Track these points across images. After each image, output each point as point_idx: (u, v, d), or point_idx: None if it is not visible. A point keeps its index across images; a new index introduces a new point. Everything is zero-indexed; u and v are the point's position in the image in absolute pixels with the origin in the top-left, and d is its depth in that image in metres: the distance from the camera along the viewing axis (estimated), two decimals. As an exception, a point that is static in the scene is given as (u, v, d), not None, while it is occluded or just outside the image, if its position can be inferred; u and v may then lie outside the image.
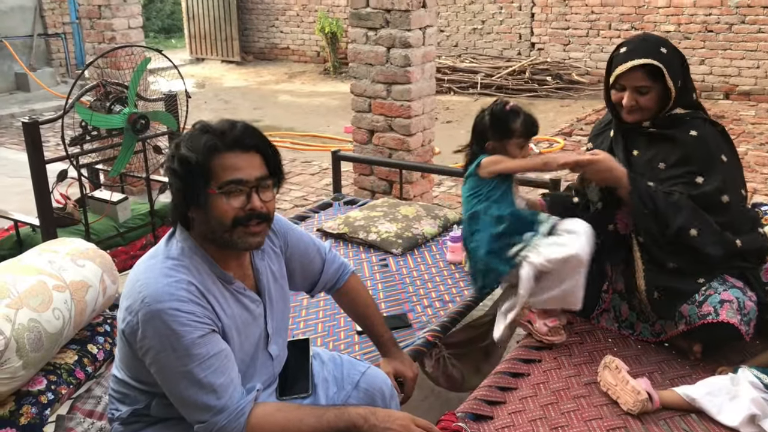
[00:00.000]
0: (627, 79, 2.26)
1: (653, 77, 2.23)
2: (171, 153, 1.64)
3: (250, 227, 1.64)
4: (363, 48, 4.26)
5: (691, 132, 2.26)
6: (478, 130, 2.36)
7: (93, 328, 2.30)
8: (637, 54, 2.24)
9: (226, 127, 1.62)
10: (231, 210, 1.60)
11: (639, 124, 2.31)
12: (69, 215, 3.48)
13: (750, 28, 8.53)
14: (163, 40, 16.70)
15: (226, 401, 1.60)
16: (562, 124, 7.93)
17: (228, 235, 1.62)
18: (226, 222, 1.61)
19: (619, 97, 2.31)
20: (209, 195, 1.59)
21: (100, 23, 5.39)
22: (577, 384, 2.08)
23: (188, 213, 1.64)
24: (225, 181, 1.59)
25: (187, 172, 1.58)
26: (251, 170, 1.62)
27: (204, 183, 1.58)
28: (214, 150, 1.59)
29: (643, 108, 2.27)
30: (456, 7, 10.73)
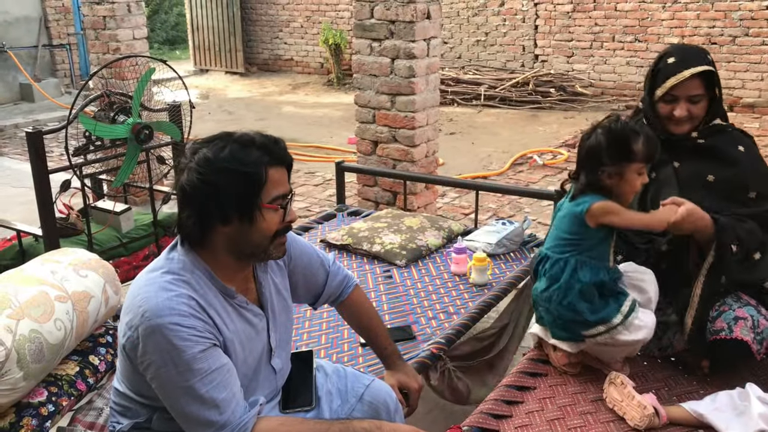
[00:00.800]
0: (682, 89, 2.19)
1: (706, 84, 2.21)
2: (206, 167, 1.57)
3: (283, 239, 1.69)
4: (367, 59, 4.25)
5: (739, 147, 2.24)
6: (591, 153, 1.99)
7: (95, 339, 2.28)
8: (692, 62, 2.19)
9: (268, 141, 1.63)
10: (276, 224, 1.64)
11: (687, 135, 2.26)
12: (72, 225, 3.47)
13: (754, 40, 8.53)
14: (167, 52, 16.77)
15: (228, 416, 1.58)
16: (565, 135, 7.92)
17: (266, 247, 1.66)
18: (269, 235, 1.64)
19: (669, 109, 2.23)
20: (261, 209, 1.60)
21: (105, 34, 5.41)
22: (583, 400, 2.05)
23: (217, 228, 1.61)
24: (277, 195, 1.62)
25: (238, 187, 1.57)
26: (287, 184, 1.67)
27: (257, 197, 1.59)
28: (266, 164, 1.60)
29: (693, 118, 2.23)
30: (460, 19, 10.76)
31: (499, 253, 3.20)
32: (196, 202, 1.60)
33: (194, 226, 1.61)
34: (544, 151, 7.20)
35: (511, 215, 5.28)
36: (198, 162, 1.58)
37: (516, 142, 7.69)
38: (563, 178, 2.23)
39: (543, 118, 8.90)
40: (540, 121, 8.76)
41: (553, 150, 7.21)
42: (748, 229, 2.13)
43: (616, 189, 1.98)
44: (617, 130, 1.96)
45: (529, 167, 6.71)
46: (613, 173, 1.95)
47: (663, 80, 2.22)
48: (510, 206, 5.54)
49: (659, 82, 2.24)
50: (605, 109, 9.20)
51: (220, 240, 1.63)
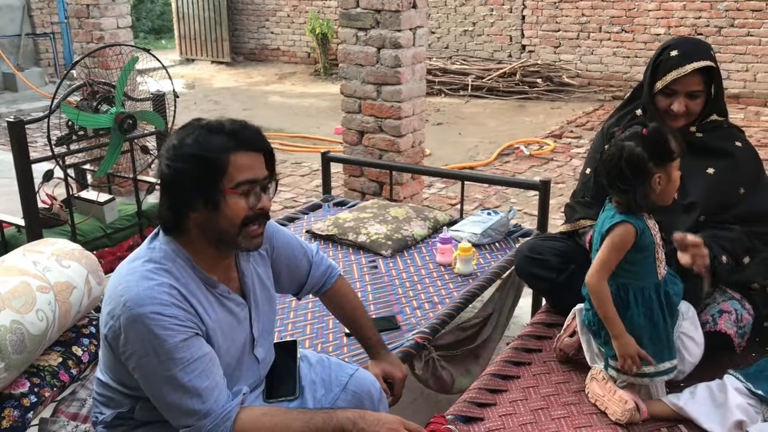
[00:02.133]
0: (682, 84, 2.19)
1: (706, 80, 2.20)
2: (173, 153, 1.59)
3: (255, 227, 1.65)
4: (353, 48, 4.24)
5: (737, 143, 2.27)
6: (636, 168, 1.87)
7: (78, 330, 2.27)
8: (694, 57, 2.18)
9: (237, 127, 1.62)
10: (243, 210, 1.60)
11: (686, 129, 2.26)
12: (55, 216, 3.44)
13: (739, 31, 8.57)
14: (153, 41, 16.63)
15: (211, 405, 1.58)
16: (552, 126, 7.94)
17: (235, 235, 1.62)
18: (236, 222, 1.61)
19: (667, 103, 2.23)
20: (224, 194, 1.58)
21: (89, 23, 5.35)
22: (567, 391, 2.07)
23: (189, 215, 1.61)
24: (241, 181, 1.59)
25: (200, 172, 1.56)
26: (260, 170, 1.64)
27: (219, 182, 1.57)
28: (231, 150, 1.58)
29: (690, 113, 2.23)
30: (447, 9, 10.73)
31: (484, 243, 3.20)
32: (167, 190, 1.62)
33: (167, 213, 1.63)
34: (531, 141, 7.21)
35: (497, 205, 5.29)
36: (166, 149, 1.61)
37: (503, 132, 7.70)
38: (550, 168, 2.21)
39: (530, 109, 8.92)
40: (527, 112, 8.77)
41: (539, 140, 7.23)
42: (733, 238, 2.16)
43: (664, 192, 1.91)
44: (655, 135, 1.88)
45: (515, 158, 6.72)
46: (663, 175, 1.88)
47: (664, 73, 2.21)
48: (497, 196, 5.55)
49: (660, 75, 2.22)
50: (592, 100, 9.23)
51: (193, 227, 1.63)
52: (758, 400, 1.86)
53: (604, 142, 2.46)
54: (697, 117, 2.26)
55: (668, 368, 1.94)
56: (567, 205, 2.56)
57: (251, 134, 1.63)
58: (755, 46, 8.51)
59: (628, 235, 1.89)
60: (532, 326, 2.43)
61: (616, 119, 2.49)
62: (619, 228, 1.89)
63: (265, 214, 1.67)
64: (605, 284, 1.92)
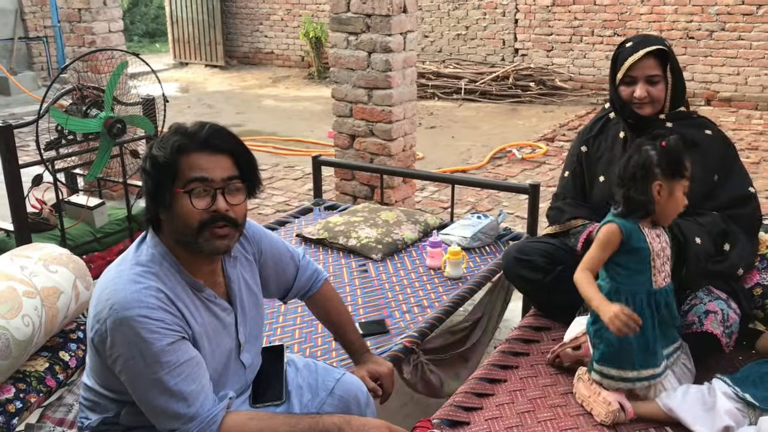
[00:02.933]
0: (639, 69, 2.29)
1: (662, 66, 2.29)
2: (145, 154, 1.65)
3: (216, 230, 1.61)
4: (344, 53, 4.24)
5: (706, 131, 2.33)
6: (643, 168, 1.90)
7: (65, 335, 2.26)
8: (647, 44, 2.30)
9: (196, 128, 1.62)
10: (195, 211, 1.58)
11: (655, 117, 2.32)
12: (45, 220, 3.43)
13: (730, 35, 8.61)
14: (147, 45, 16.60)
15: (197, 409, 1.58)
16: (545, 129, 7.95)
17: (194, 238, 1.60)
18: (192, 224, 1.59)
19: (629, 91, 2.32)
20: (175, 194, 1.58)
21: (80, 27, 5.34)
22: (553, 393, 2.07)
23: (159, 215, 1.63)
24: (188, 179, 1.58)
25: (156, 172, 1.58)
26: (218, 171, 1.60)
27: (170, 182, 1.57)
28: (182, 150, 1.58)
29: (654, 100, 2.31)
30: (440, 13, 10.75)
31: (474, 246, 3.21)
32: (143, 190, 1.65)
33: (146, 213, 1.67)
34: (524, 144, 7.22)
35: (489, 209, 5.30)
36: (146, 151, 1.67)
37: (496, 135, 7.71)
38: (542, 171, 2.26)
39: (523, 112, 8.93)
40: (520, 115, 8.79)
41: (532, 144, 7.24)
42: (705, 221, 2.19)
43: (664, 207, 1.92)
44: (670, 146, 1.89)
45: (508, 161, 6.73)
46: (664, 189, 1.89)
47: (621, 63, 2.32)
48: (489, 200, 5.56)
49: (618, 66, 2.33)
50: (585, 103, 9.25)
51: (165, 229, 1.64)
52: (744, 404, 1.87)
53: (580, 143, 2.52)
54: (663, 106, 2.32)
55: (650, 375, 1.94)
56: (551, 208, 2.58)
57: (208, 134, 1.60)
58: (746, 49, 8.55)
59: (611, 234, 1.92)
60: (520, 330, 2.44)
61: (591, 122, 2.57)
62: (605, 227, 1.95)
63: (228, 217, 1.61)
64: (586, 273, 1.96)
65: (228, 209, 1.61)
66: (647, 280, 1.94)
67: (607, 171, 2.43)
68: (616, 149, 2.41)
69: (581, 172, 2.53)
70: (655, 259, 1.94)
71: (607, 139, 2.46)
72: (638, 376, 1.94)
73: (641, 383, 1.95)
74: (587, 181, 2.50)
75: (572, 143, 2.64)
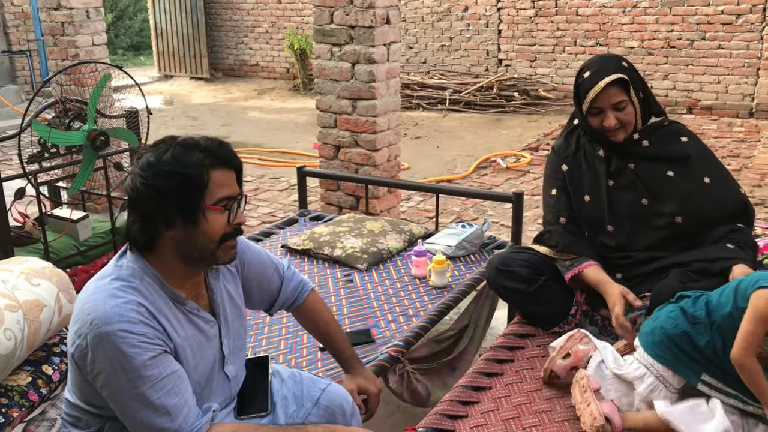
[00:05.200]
0: (602, 100, 2.28)
1: (626, 90, 2.28)
2: (149, 171, 1.57)
3: (232, 242, 1.67)
4: (328, 64, 4.26)
5: (682, 138, 2.34)
6: None
7: (48, 349, 2.25)
8: (604, 72, 2.28)
9: (213, 144, 1.63)
10: (222, 226, 1.62)
11: (631, 139, 2.33)
12: (27, 234, 3.41)
13: (710, 44, 8.72)
14: (132, 57, 16.58)
15: (180, 423, 1.57)
16: (529, 139, 8.00)
17: (214, 251, 1.64)
18: (216, 238, 1.62)
19: (599, 121, 2.32)
20: (204, 211, 1.59)
21: (63, 40, 5.33)
22: (539, 399, 2.08)
23: (164, 233, 1.60)
24: (222, 197, 1.61)
25: (180, 189, 1.56)
26: (235, 186, 1.66)
27: (201, 199, 1.58)
28: (208, 166, 1.59)
29: (625, 124, 2.31)
30: (424, 24, 10.82)
31: (459, 255, 3.22)
32: (140, 207, 1.60)
33: (139, 231, 1.60)
34: (508, 154, 7.27)
35: (474, 218, 5.32)
36: (141, 166, 1.59)
37: (480, 145, 7.75)
38: (526, 180, 2.24)
39: (507, 122, 8.99)
40: (504, 125, 8.84)
41: (516, 153, 7.28)
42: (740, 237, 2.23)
43: None
44: None
45: (492, 170, 6.76)
46: None
47: (584, 95, 2.31)
48: (474, 209, 5.58)
49: (582, 98, 2.33)
50: (568, 113, 9.27)
51: (167, 245, 1.62)
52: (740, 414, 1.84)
53: (559, 161, 2.50)
54: (635, 125, 2.33)
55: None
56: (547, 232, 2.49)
57: (227, 151, 1.65)
58: (726, 58, 8.66)
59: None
60: (504, 337, 2.44)
61: (563, 139, 2.55)
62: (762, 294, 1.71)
63: (239, 229, 1.69)
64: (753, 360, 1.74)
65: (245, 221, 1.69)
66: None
67: (592, 191, 2.42)
68: (599, 169, 2.41)
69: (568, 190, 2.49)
70: None
71: (586, 156, 2.45)
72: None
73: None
74: (573, 199, 2.47)
75: (548, 161, 2.60)
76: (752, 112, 8.59)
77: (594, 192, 2.41)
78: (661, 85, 8.96)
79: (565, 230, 2.43)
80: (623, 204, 2.35)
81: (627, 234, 2.35)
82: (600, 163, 2.40)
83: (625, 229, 2.35)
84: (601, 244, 2.39)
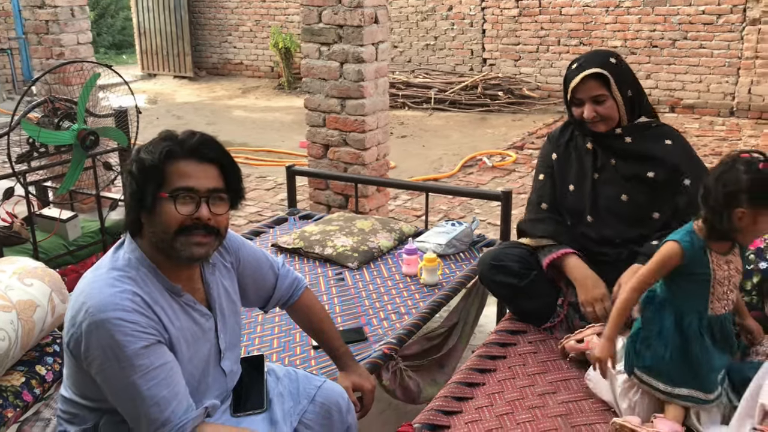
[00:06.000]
0: (582, 91, 2.35)
1: (607, 85, 2.33)
2: (132, 158, 1.67)
3: (195, 236, 1.63)
4: (316, 63, 4.27)
5: (666, 141, 2.37)
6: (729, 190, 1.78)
7: (42, 349, 2.25)
8: (588, 65, 2.35)
9: (186, 135, 1.65)
10: (177, 217, 1.61)
11: (613, 132, 2.38)
12: (16, 234, 3.38)
13: (692, 43, 8.82)
14: (114, 56, 16.44)
15: (168, 415, 1.57)
16: (514, 137, 8.06)
17: (171, 242, 1.62)
18: (171, 228, 1.61)
19: (579, 111, 2.39)
20: (159, 199, 1.60)
21: (48, 38, 5.28)
22: (531, 394, 2.11)
23: (140, 218, 1.65)
24: (176, 187, 1.61)
25: (142, 175, 1.61)
26: (204, 180, 1.64)
27: (156, 187, 1.60)
28: (171, 156, 1.61)
29: (605, 117, 2.36)
30: (409, 24, 10.84)
31: (449, 253, 3.25)
32: (126, 192, 1.69)
33: (127, 216, 1.68)
34: (493, 153, 7.31)
35: (461, 216, 5.35)
36: (133, 155, 1.68)
37: (466, 144, 7.79)
38: (512, 179, 2.27)
39: (492, 121, 9.04)
40: (489, 124, 8.89)
41: (501, 152, 7.33)
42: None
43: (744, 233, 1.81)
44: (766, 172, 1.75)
45: (478, 169, 6.80)
46: (747, 217, 1.77)
47: (567, 85, 2.40)
48: (461, 207, 5.62)
49: (566, 88, 2.41)
50: (552, 112, 9.39)
51: (145, 233, 1.67)
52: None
53: (551, 149, 2.56)
54: (617, 121, 2.38)
55: (685, 395, 1.88)
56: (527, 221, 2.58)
57: (197, 143, 1.64)
58: (708, 58, 8.76)
59: (672, 255, 1.86)
60: (497, 334, 2.47)
61: (559, 128, 2.63)
62: (667, 246, 1.88)
63: (210, 226, 1.64)
64: (631, 296, 1.92)
65: (210, 218, 1.64)
66: (703, 304, 1.88)
67: (577, 181, 2.48)
68: (586, 161, 2.46)
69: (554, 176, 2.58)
70: (716, 286, 1.87)
71: (577, 147, 2.51)
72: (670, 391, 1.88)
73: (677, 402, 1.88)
74: (558, 187, 2.55)
75: (542, 147, 2.69)
76: (733, 111, 8.70)
77: (578, 183, 2.48)
78: (645, 84, 8.97)
79: (547, 217, 2.52)
80: (604, 197, 2.41)
81: (605, 226, 2.41)
82: (587, 156, 2.46)
83: (603, 222, 2.42)
84: (582, 234, 2.46)
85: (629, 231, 2.37)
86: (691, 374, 1.87)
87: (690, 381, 1.88)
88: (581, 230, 2.46)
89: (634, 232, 2.36)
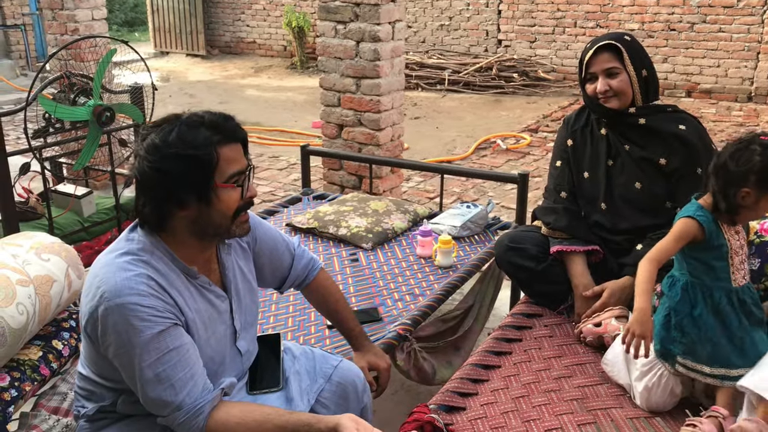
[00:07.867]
0: (595, 64, 2.34)
1: (620, 59, 2.32)
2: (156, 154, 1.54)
3: (244, 215, 1.69)
4: (332, 42, 4.24)
5: (680, 126, 2.33)
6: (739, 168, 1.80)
7: (58, 324, 2.26)
8: (602, 39, 2.36)
9: (218, 120, 1.61)
10: (235, 202, 1.63)
11: (626, 111, 2.35)
12: (32, 209, 3.40)
13: (711, 27, 8.70)
14: (126, 33, 16.42)
15: (183, 397, 1.57)
16: (528, 120, 8.00)
17: (229, 226, 1.65)
18: (230, 214, 1.63)
19: (593, 88, 2.37)
20: (216, 189, 1.59)
21: (63, 14, 5.27)
22: (547, 378, 2.10)
23: (176, 213, 1.60)
24: (232, 173, 1.61)
25: (190, 170, 1.55)
26: (243, 160, 1.65)
27: (211, 178, 1.57)
28: (216, 144, 1.58)
29: (618, 92, 2.34)
30: (423, 3, 10.75)
31: (463, 235, 3.23)
32: (149, 190, 1.59)
33: (151, 213, 1.60)
34: (507, 135, 7.27)
35: (475, 199, 5.33)
36: (147, 149, 1.57)
37: (479, 126, 7.74)
38: (526, 162, 2.26)
39: (506, 103, 8.97)
40: (503, 106, 8.83)
41: (515, 134, 7.28)
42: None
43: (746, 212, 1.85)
44: None
45: (492, 151, 6.76)
46: (751, 197, 1.81)
47: (582, 65, 2.39)
48: (474, 190, 5.59)
49: (581, 69, 2.41)
50: (567, 94, 9.31)
51: (180, 224, 1.62)
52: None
53: (567, 133, 2.53)
54: (631, 99, 2.34)
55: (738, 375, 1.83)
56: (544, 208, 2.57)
57: (232, 125, 1.64)
58: (726, 42, 8.65)
59: (689, 229, 1.87)
60: (512, 317, 2.46)
61: (576, 113, 2.60)
62: (683, 221, 1.89)
63: (252, 201, 1.70)
64: (652, 265, 1.89)
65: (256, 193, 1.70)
66: (726, 277, 1.88)
67: (591, 168, 2.46)
68: (600, 148, 2.43)
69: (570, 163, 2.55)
70: (734, 256, 1.88)
71: (593, 133, 2.48)
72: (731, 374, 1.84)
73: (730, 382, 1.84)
74: (574, 174, 2.52)
75: (558, 132, 2.65)
76: (751, 96, 8.60)
77: (593, 169, 2.45)
78: (661, 68, 8.94)
79: (563, 209, 2.48)
80: (618, 185, 2.38)
81: (619, 214, 2.39)
82: (601, 142, 2.43)
83: (617, 210, 2.39)
84: (595, 222, 2.43)
85: (643, 219, 2.34)
86: (736, 352, 1.85)
87: (738, 360, 1.84)
88: (595, 218, 2.44)
89: (647, 221, 2.33)
